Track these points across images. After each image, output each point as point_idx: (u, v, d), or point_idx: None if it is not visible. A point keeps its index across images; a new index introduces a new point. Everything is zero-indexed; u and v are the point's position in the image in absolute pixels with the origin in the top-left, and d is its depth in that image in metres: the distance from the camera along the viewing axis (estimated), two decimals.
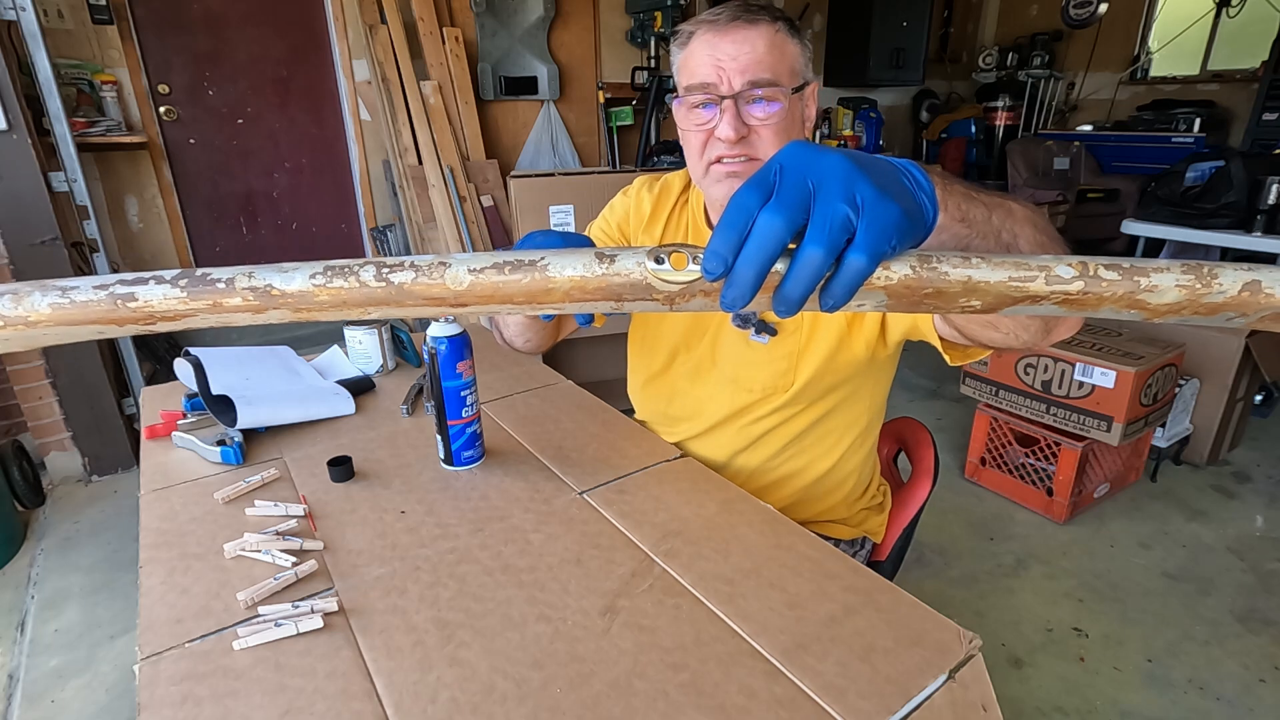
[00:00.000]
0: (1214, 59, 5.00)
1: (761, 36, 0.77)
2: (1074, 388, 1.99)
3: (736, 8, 0.78)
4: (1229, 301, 0.40)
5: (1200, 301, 0.40)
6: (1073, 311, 0.41)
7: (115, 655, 1.63)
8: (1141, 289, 0.40)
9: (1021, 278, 0.40)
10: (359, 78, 3.38)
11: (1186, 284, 0.40)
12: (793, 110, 0.80)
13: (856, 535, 1.05)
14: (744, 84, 0.77)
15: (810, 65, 0.83)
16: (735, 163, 0.81)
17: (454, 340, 0.87)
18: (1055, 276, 0.40)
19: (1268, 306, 0.40)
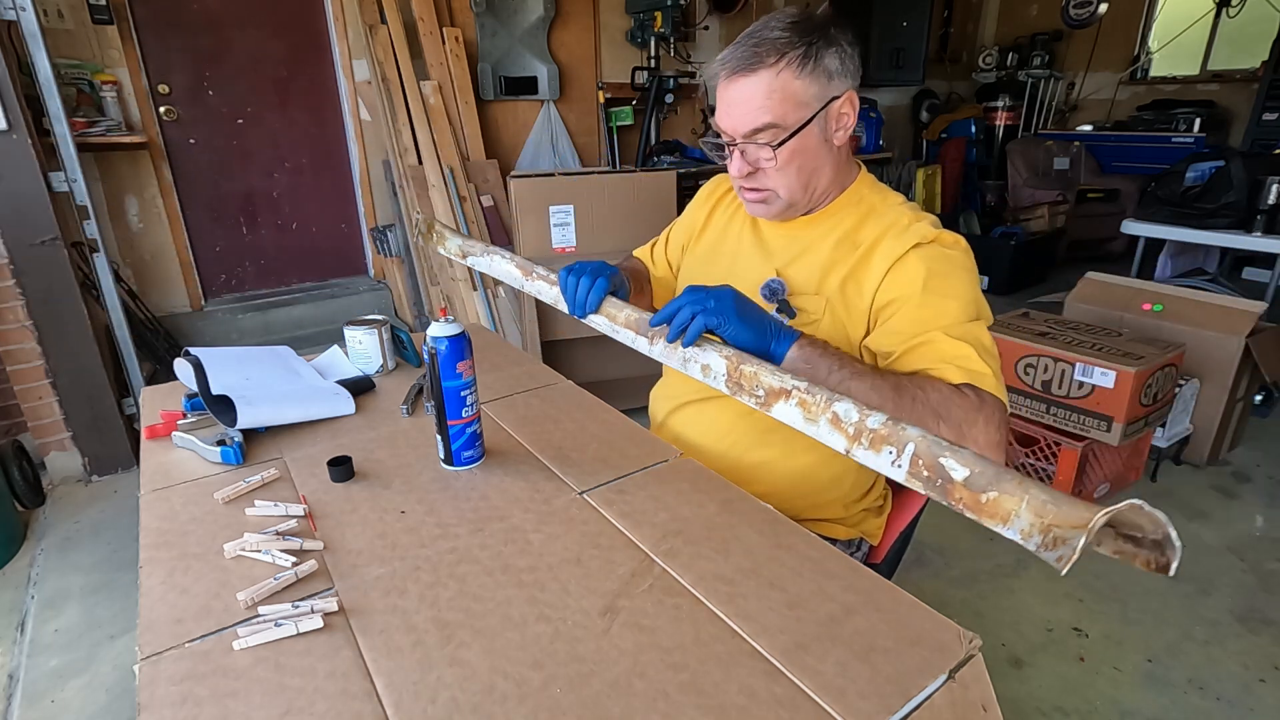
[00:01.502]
0: (1214, 59, 5.00)
1: (760, 84, 0.84)
2: (1074, 388, 1.99)
3: (742, 53, 0.84)
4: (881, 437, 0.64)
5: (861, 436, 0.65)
6: (805, 420, 0.69)
7: (115, 655, 1.63)
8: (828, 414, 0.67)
9: (780, 387, 0.71)
10: (359, 78, 3.38)
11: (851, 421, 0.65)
12: (805, 140, 0.86)
13: (853, 536, 1.05)
14: (745, 133, 0.86)
15: (842, 75, 0.86)
16: (750, 193, 0.93)
17: (454, 340, 0.87)
18: (796, 390, 0.70)
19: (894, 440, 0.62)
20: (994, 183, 5.13)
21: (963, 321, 0.82)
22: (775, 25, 0.84)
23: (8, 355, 2.18)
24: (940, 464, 0.58)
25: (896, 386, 0.76)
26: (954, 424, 0.74)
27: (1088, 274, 2.54)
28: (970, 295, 0.85)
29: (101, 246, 2.30)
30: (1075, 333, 2.14)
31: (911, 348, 0.82)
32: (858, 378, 0.76)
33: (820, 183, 0.91)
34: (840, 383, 0.76)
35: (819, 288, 0.92)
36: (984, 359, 0.80)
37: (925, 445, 0.60)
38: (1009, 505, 0.54)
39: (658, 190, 2.79)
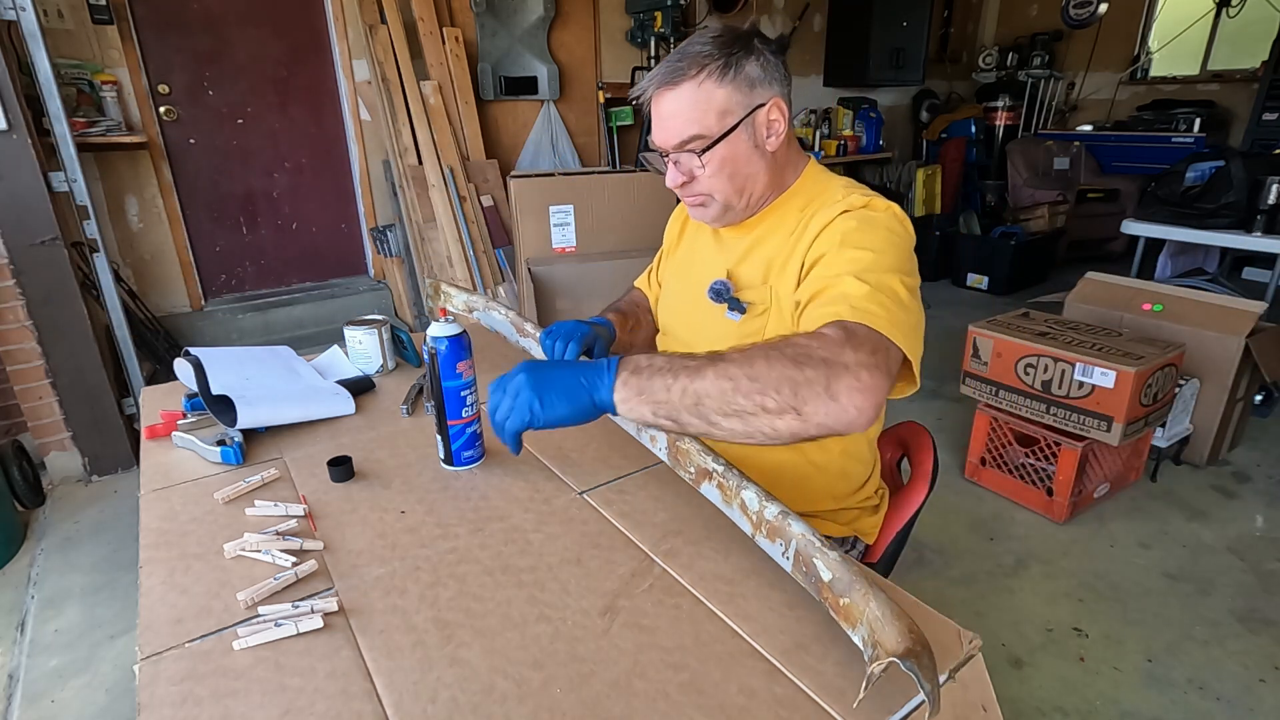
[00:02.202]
0: (1214, 59, 5.00)
1: (684, 96, 0.87)
2: (1074, 388, 1.99)
3: (666, 69, 0.88)
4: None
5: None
6: (723, 501, 0.73)
7: (115, 655, 1.63)
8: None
9: (704, 468, 0.76)
10: (359, 78, 3.38)
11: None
12: (733, 145, 0.89)
13: (846, 534, 1.05)
14: (674, 145, 0.90)
15: (766, 83, 0.88)
16: (689, 199, 0.96)
17: (454, 340, 0.87)
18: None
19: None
20: (994, 183, 5.13)
21: (873, 267, 0.79)
22: (698, 40, 0.88)
23: (8, 355, 2.18)
24: (814, 563, 0.61)
25: (745, 358, 0.68)
26: (819, 362, 0.67)
27: (1088, 274, 2.54)
28: (887, 250, 0.82)
29: (101, 246, 2.30)
30: (1075, 333, 2.14)
31: (816, 292, 0.80)
32: (698, 375, 0.68)
33: (755, 187, 0.94)
34: (684, 391, 0.68)
35: (765, 278, 0.95)
36: (881, 301, 0.75)
37: (804, 544, 0.63)
38: (856, 613, 0.58)
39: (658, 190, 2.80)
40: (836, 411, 0.66)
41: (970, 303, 4.19)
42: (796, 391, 0.65)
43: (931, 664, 0.52)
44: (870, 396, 0.66)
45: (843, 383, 0.66)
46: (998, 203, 5.05)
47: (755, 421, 0.67)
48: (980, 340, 2.17)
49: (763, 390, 0.66)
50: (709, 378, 0.68)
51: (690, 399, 0.68)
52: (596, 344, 1.04)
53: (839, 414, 0.66)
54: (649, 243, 2.80)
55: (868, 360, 0.68)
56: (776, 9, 4.65)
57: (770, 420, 0.67)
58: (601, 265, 2.72)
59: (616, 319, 1.17)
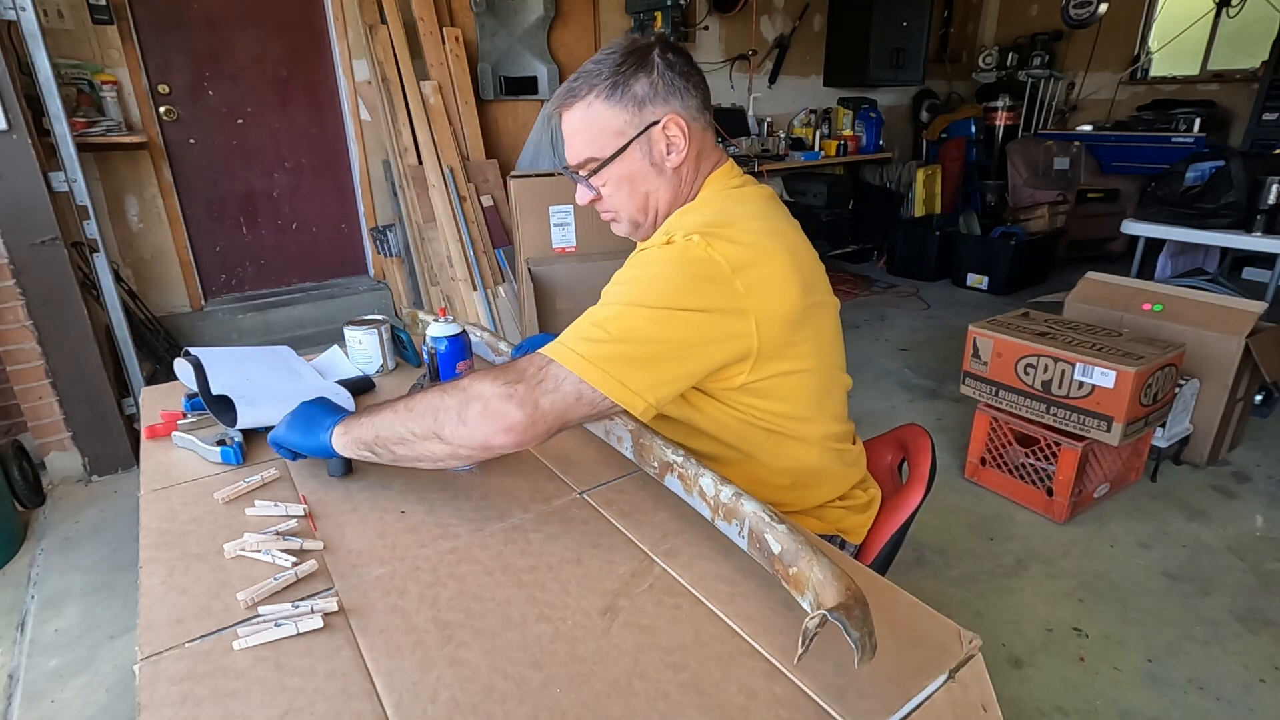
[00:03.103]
0: (1214, 59, 5.01)
1: (575, 117, 0.90)
2: (1074, 388, 1.99)
3: (563, 89, 0.90)
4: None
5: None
6: (685, 491, 0.78)
7: (115, 655, 1.63)
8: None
9: (666, 460, 0.82)
10: (359, 78, 3.38)
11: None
12: (627, 165, 0.90)
13: (829, 532, 1.03)
14: (573, 165, 0.93)
15: (656, 100, 0.87)
16: (604, 214, 0.98)
17: (454, 340, 0.87)
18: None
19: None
20: (994, 183, 5.13)
21: (607, 304, 0.79)
22: (594, 59, 0.88)
23: (8, 355, 2.18)
24: (765, 537, 0.65)
25: (410, 399, 0.79)
26: (458, 391, 0.75)
27: (1088, 274, 2.54)
28: (639, 282, 0.80)
29: (101, 246, 2.30)
30: (1075, 333, 2.14)
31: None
32: (379, 413, 0.80)
33: (659, 204, 0.93)
34: (369, 425, 0.80)
35: None
36: (581, 333, 0.77)
37: (755, 520, 0.67)
38: (802, 579, 0.61)
39: None
40: (465, 435, 0.73)
41: (970, 303, 4.20)
42: (437, 417, 0.74)
43: (863, 614, 0.55)
44: (495, 422, 0.72)
45: (472, 409, 0.73)
46: (998, 203, 5.05)
47: (415, 446, 0.76)
48: (980, 340, 2.17)
49: (412, 419, 0.76)
50: (384, 412, 0.79)
51: (371, 433, 0.79)
52: None
53: (470, 434, 0.73)
54: None
55: (502, 390, 0.73)
56: (776, 9, 4.65)
57: (424, 445, 0.76)
58: (601, 265, 2.72)
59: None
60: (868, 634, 0.54)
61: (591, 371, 0.74)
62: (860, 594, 0.57)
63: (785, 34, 4.69)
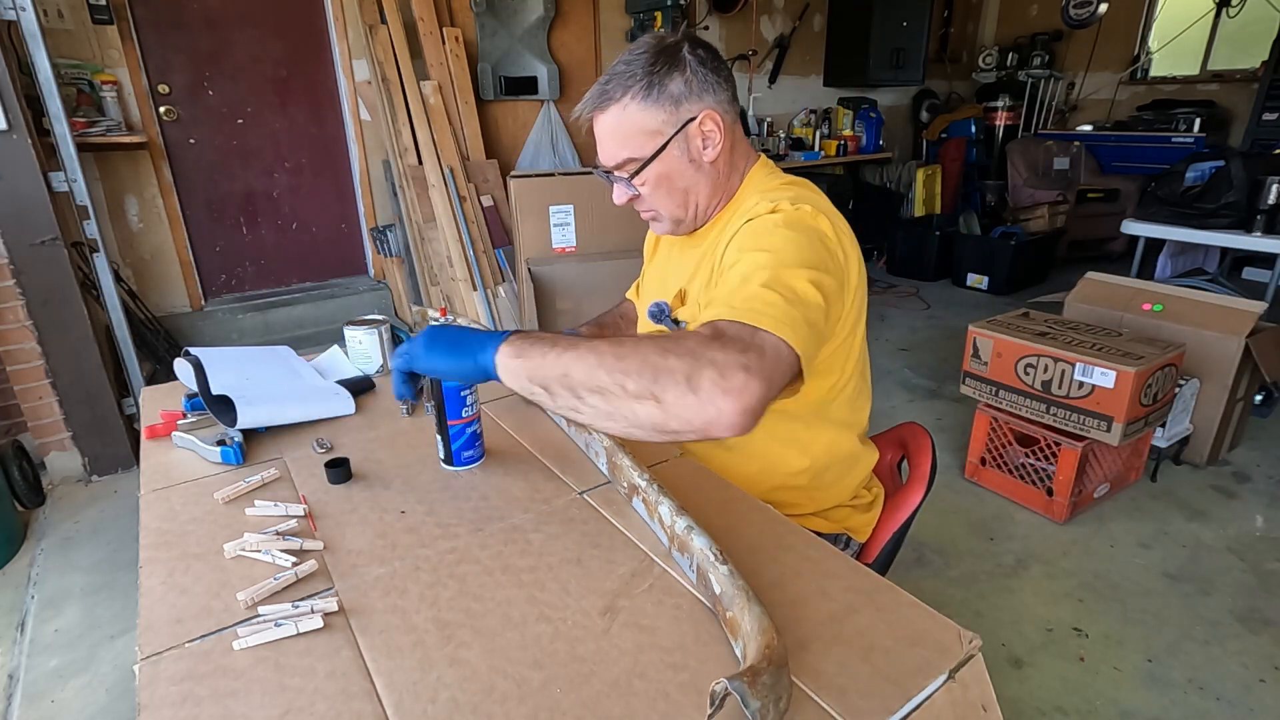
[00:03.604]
0: (1214, 59, 5.01)
1: (610, 120, 0.90)
2: (1074, 388, 1.99)
3: (594, 92, 0.90)
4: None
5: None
6: (648, 515, 0.75)
7: (115, 655, 1.63)
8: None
9: (633, 484, 0.79)
10: (359, 78, 3.38)
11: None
12: (666, 164, 0.90)
13: (836, 531, 1.05)
14: (610, 168, 0.93)
15: (692, 97, 0.88)
16: (644, 213, 0.99)
17: None
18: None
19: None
20: (994, 183, 5.13)
21: (766, 268, 0.75)
22: (624, 59, 0.88)
23: (8, 355, 2.18)
24: (709, 576, 0.64)
25: (617, 342, 0.67)
26: (685, 353, 0.63)
27: (1088, 274, 2.54)
28: (785, 247, 0.78)
29: (101, 246, 2.30)
30: (1075, 333, 2.14)
31: (709, 302, 0.78)
32: (572, 349, 0.67)
33: (699, 199, 0.95)
34: (556, 360, 0.67)
35: (700, 296, 0.95)
36: (766, 298, 0.71)
37: (701, 557, 0.65)
38: (735, 625, 0.59)
39: None
40: (695, 406, 0.61)
41: (970, 303, 4.20)
42: (657, 378, 0.62)
43: (773, 679, 0.50)
44: (736, 399, 0.61)
45: (705, 376, 0.61)
46: (998, 203, 5.05)
47: (617, 403, 0.64)
48: (980, 340, 2.17)
49: (625, 371, 0.63)
50: (580, 350, 0.67)
51: (559, 369, 0.67)
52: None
53: (698, 409, 0.61)
54: None
55: (737, 359, 0.62)
56: (776, 9, 4.65)
57: (630, 405, 0.64)
58: (601, 265, 2.72)
59: (590, 331, 1.19)
60: (772, 702, 0.49)
61: (794, 336, 0.68)
62: (779, 655, 0.53)
63: (785, 34, 4.69)
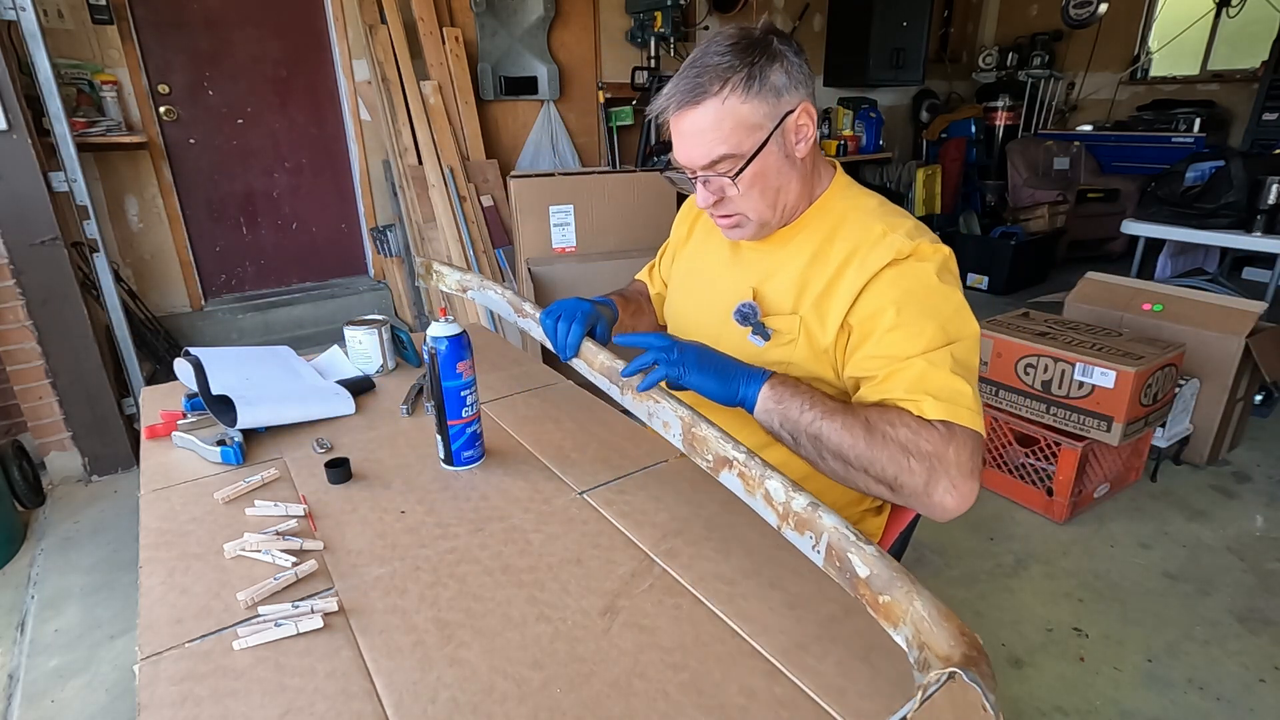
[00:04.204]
0: (1214, 59, 5.01)
1: (708, 114, 0.82)
2: (1074, 388, 1.99)
3: (685, 85, 0.83)
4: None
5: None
6: (745, 491, 0.71)
7: (115, 655, 1.63)
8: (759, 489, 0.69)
9: (724, 456, 0.73)
10: (359, 78, 3.38)
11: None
12: (764, 162, 0.85)
13: None
14: (702, 166, 0.86)
15: (792, 88, 0.83)
16: (722, 219, 0.92)
17: (454, 340, 0.87)
18: (739, 462, 0.71)
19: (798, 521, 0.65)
20: (994, 183, 5.13)
21: (939, 344, 0.79)
22: (715, 50, 0.82)
23: (8, 355, 2.18)
24: (849, 558, 0.60)
25: (867, 424, 0.75)
26: (924, 458, 0.73)
27: (1088, 274, 2.54)
28: (948, 311, 0.82)
29: (101, 246, 2.30)
30: (1075, 333, 2.14)
31: (890, 374, 0.79)
32: (829, 416, 0.76)
33: (788, 198, 0.90)
34: (811, 422, 0.76)
35: (794, 307, 0.91)
36: (961, 381, 0.77)
37: (837, 537, 0.61)
38: (898, 611, 0.55)
39: (658, 190, 2.80)
40: (927, 506, 0.74)
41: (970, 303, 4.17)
42: (898, 475, 0.73)
43: (990, 671, 0.48)
44: (962, 503, 0.73)
45: (940, 484, 0.72)
46: (998, 203, 5.05)
47: (854, 475, 0.76)
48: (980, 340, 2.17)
49: (872, 461, 0.74)
50: (838, 424, 0.75)
51: (814, 430, 0.76)
52: (599, 324, 0.97)
53: (928, 508, 0.74)
54: (649, 243, 2.80)
55: (967, 466, 0.73)
56: (776, 9, 4.65)
57: (867, 481, 0.75)
58: (601, 265, 2.72)
59: (619, 301, 1.13)
60: (994, 688, 0.47)
61: (978, 421, 0.77)
62: (976, 640, 0.50)
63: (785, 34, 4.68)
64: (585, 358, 0.93)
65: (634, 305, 1.17)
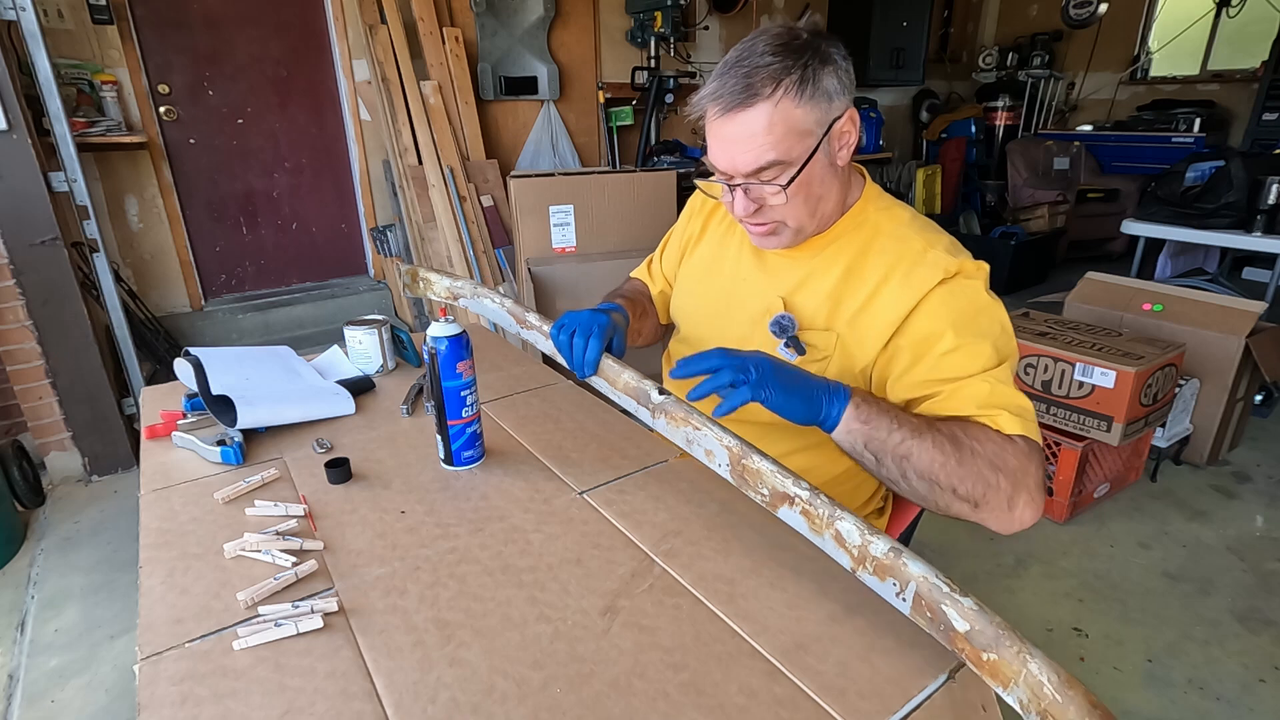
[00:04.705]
0: (1214, 59, 5.01)
1: (760, 117, 0.77)
2: (1074, 388, 1.99)
3: (734, 85, 0.77)
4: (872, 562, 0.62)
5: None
6: (810, 530, 0.67)
7: (115, 655, 1.63)
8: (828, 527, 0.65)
9: (783, 492, 0.67)
10: (359, 78, 3.38)
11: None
12: (811, 169, 0.80)
13: None
14: (747, 173, 0.80)
15: (842, 93, 0.80)
16: (756, 227, 0.87)
17: (454, 340, 0.87)
18: (799, 498, 0.66)
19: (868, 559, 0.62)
20: (994, 183, 5.13)
21: (995, 363, 0.79)
22: (764, 49, 0.77)
23: (8, 355, 2.18)
24: (942, 610, 0.57)
25: (954, 440, 0.73)
26: (1010, 473, 0.72)
27: (1088, 274, 2.54)
28: (998, 331, 0.82)
29: (101, 246, 2.30)
30: (1075, 333, 2.14)
31: (954, 390, 0.78)
32: (917, 436, 0.73)
33: (827, 207, 0.87)
34: (901, 442, 0.73)
35: (828, 322, 0.87)
36: (1024, 398, 0.79)
37: (927, 588, 0.58)
38: (1008, 672, 0.53)
39: (658, 190, 2.80)
40: (1007, 521, 0.73)
41: None
42: (985, 493, 0.72)
43: None
44: (1038, 514, 0.74)
45: (1021, 498, 0.72)
46: (998, 203, 5.05)
47: (938, 493, 0.73)
48: None
49: (961, 479, 0.72)
50: (927, 444, 0.73)
51: (903, 451, 0.73)
52: (616, 336, 0.92)
53: (1008, 523, 0.74)
54: (649, 243, 2.80)
55: (1040, 479, 0.74)
56: (776, 9, 4.65)
57: (949, 498, 0.73)
58: (601, 265, 2.72)
59: (626, 305, 1.08)
60: None
61: (1037, 433, 0.78)
62: (1109, 713, 0.48)
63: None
64: (607, 376, 0.88)
65: (639, 308, 1.13)
